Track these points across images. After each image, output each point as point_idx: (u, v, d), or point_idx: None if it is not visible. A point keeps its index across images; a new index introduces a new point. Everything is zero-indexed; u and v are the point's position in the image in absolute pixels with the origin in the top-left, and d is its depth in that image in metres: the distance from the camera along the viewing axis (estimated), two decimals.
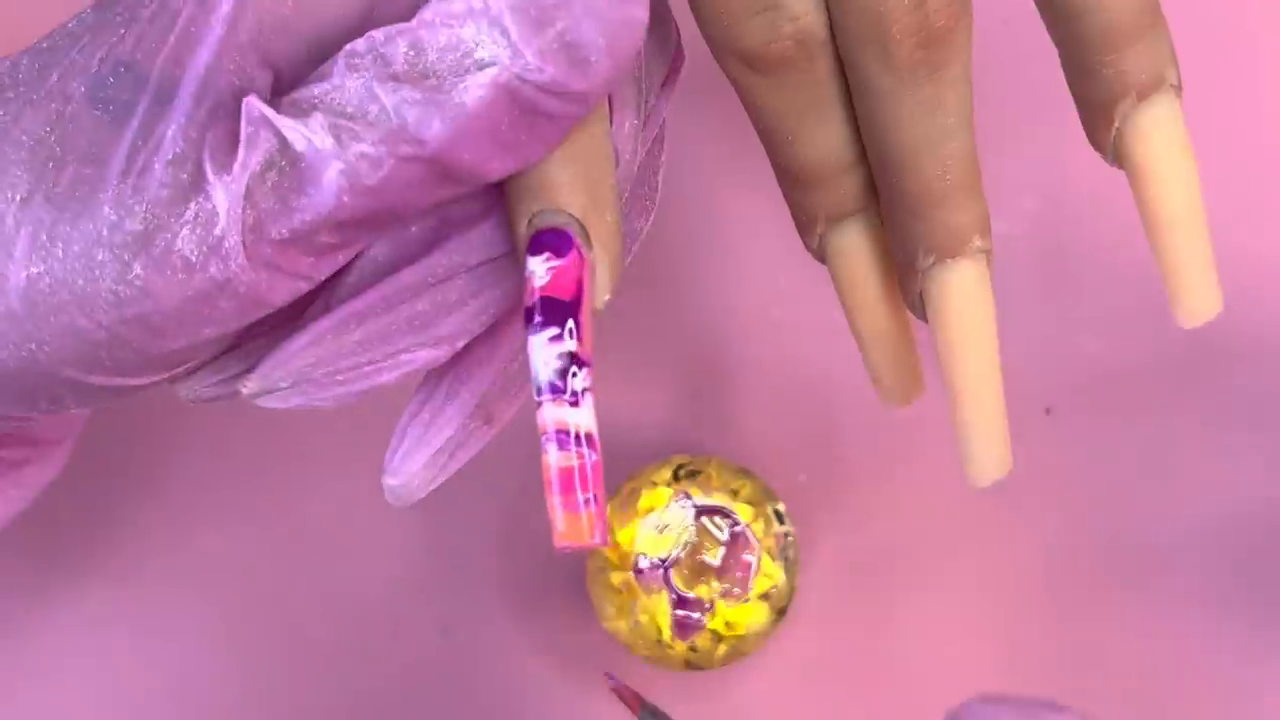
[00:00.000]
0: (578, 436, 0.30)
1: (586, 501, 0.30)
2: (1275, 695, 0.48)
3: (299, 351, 0.31)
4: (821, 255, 0.37)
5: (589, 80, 0.29)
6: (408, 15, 0.30)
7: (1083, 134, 0.37)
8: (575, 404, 0.30)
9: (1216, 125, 0.48)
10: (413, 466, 0.33)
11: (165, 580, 0.49)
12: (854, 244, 0.37)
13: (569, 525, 0.30)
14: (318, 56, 0.30)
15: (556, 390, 0.30)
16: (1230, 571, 0.48)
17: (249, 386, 0.31)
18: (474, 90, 0.28)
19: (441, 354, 0.32)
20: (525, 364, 0.33)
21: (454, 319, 0.32)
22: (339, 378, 0.31)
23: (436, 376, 0.33)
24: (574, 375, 0.30)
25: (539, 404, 0.30)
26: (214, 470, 0.49)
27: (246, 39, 0.29)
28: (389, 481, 0.33)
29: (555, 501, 0.30)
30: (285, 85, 0.30)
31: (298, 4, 0.29)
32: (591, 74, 0.29)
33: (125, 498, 0.49)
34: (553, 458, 0.30)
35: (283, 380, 0.31)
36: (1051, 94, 0.37)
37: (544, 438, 0.30)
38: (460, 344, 0.32)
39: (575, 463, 0.30)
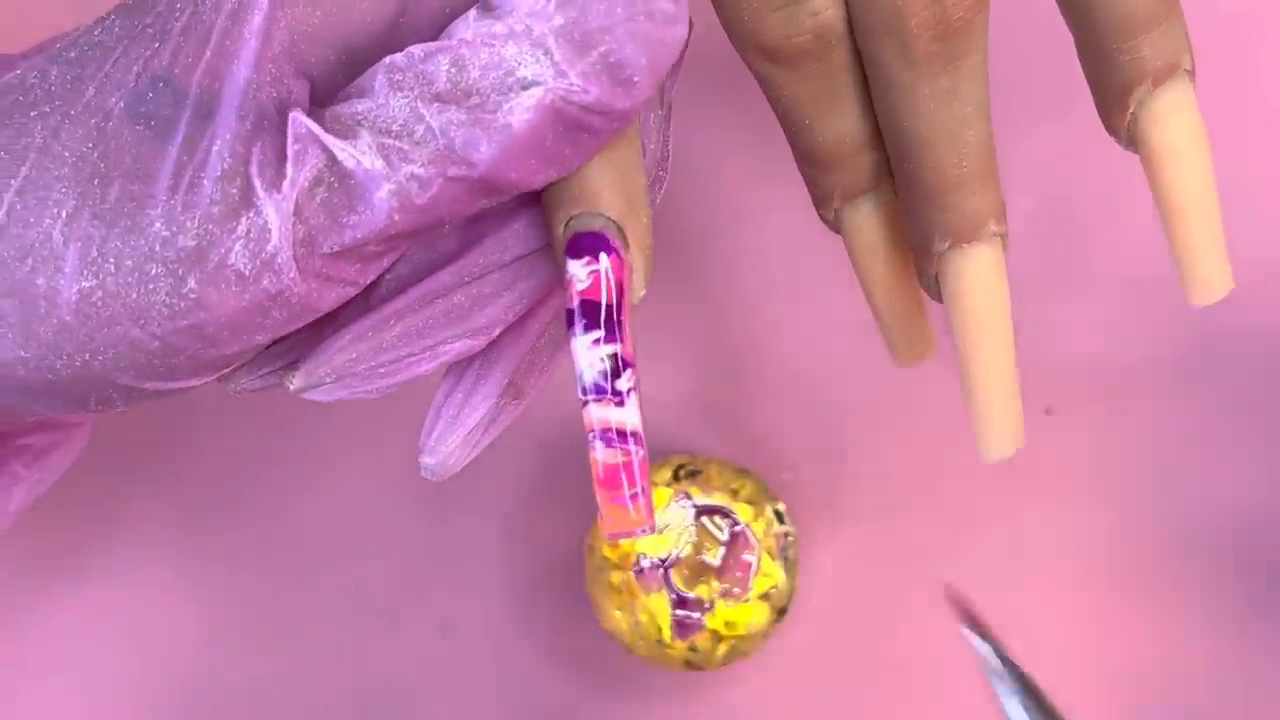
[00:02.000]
0: (623, 434, 0.31)
1: (634, 495, 0.31)
2: (1276, 695, 0.48)
3: (342, 348, 0.32)
4: (836, 227, 0.38)
5: (632, 99, 0.29)
6: (435, 21, 0.30)
7: (1083, 132, 0.37)
8: (620, 403, 0.31)
9: (1217, 124, 0.48)
10: (449, 446, 0.33)
11: (165, 579, 0.49)
12: (868, 219, 0.38)
13: (618, 517, 0.31)
14: (348, 63, 0.30)
15: (601, 390, 0.31)
16: (1231, 571, 0.48)
17: (295, 383, 0.32)
18: (519, 112, 0.29)
19: (478, 344, 0.32)
20: (552, 340, 0.34)
21: (489, 311, 0.32)
22: (380, 370, 0.32)
23: (467, 360, 0.34)
24: (618, 375, 0.31)
25: (584, 403, 0.31)
26: (213, 470, 0.49)
27: (280, 50, 0.29)
28: (426, 460, 0.33)
29: (604, 495, 0.31)
30: (319, 92, 0.30)
31: (326, 14, 0.30)
32: (634, 93, 0.29)
33: (123, 497, 0.49)
34: (600, 454, 0.31)
35: (327, 376, 0.32)
36: (1052, 93, 0.37)
37: (590, 435, 0.31)
38: (496, 333, 0.33)
39: (622, 459, 0.31)
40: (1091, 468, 0.49)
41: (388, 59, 0.30)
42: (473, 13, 0.29)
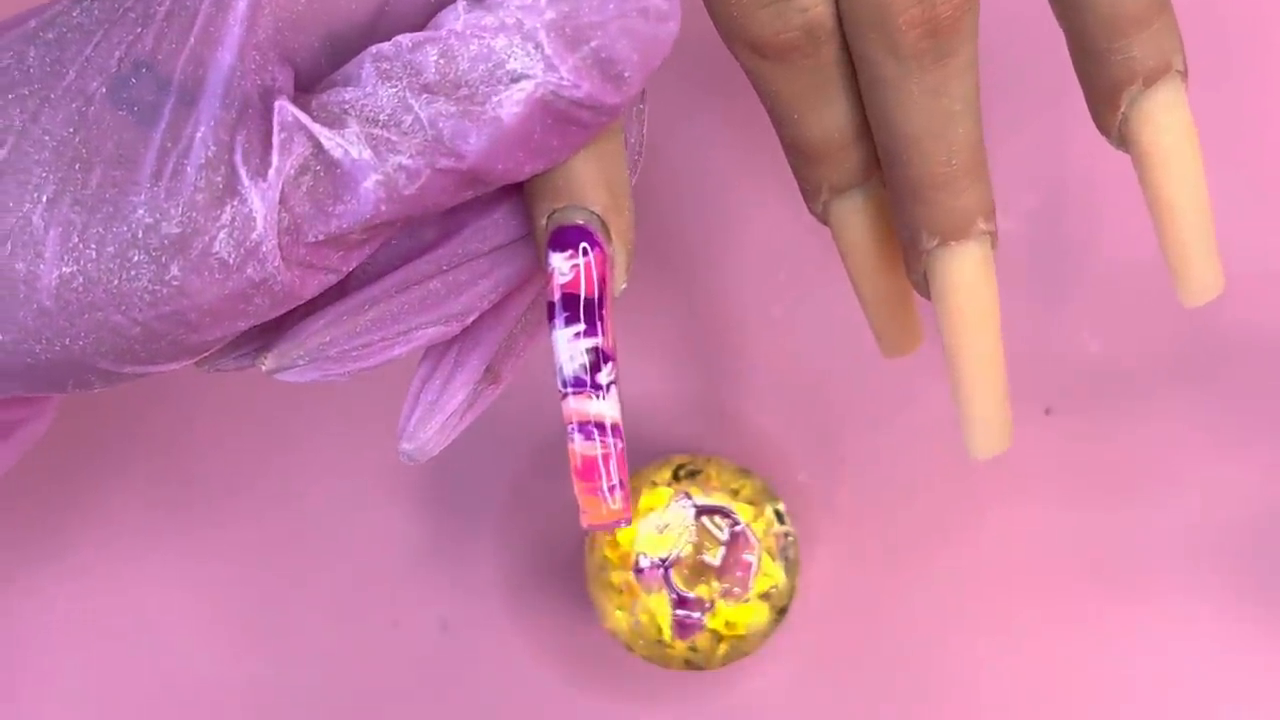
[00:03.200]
0: (603, 426, 0.31)
1: (612, 488, 0.31)
2: (1276, 695, 0.48)
3: (316, 331, 0.32)
4: (825, 220, 0.38)
5: (622, 95, 0.29)
6: (420, 10, 0.30)
7: (1084, 132, 0.37)
8: (601, 396, 0.31)
9: (1218, 123, 0.48)
10: (427, 432, 0.33)
11: (162, 578, 0.49)
12: (856, 213, 0.38)
13: (595, 509, 0.31)
14: (331, 51, 0.30)
15: (581, 383, 0.31)
16: (1230, 571, 0.48)
17: (268, 364, 0.32)
18: (509, 105, 0.29)
19: (452, 330, 0.32)
20: (529, 324, 0.34)
21: (465, 298, 0.32)
22: (353, 354, 0.32)
23: (445, 344, 0.34)
24: (599, 369, 0.31)
25: (564, 395, 0.31)
26: (212, 467, 0.49)
27: (265, 37, 0.29)
28: (405, 446, 0.33)
29: (582, 487, 0.31)
30: (302, 80, 0.30)
31: (310, 1, 0.30)
32: (625, 89, 0.29)
33: (121, 497, 0.49)
34: (579, 446, 0.31)
35: (300, 358, 0.32)
36: (1052, 92, 0.37)
37: (570, 428, 0.31)
38: (470, 319, 0.33)
39: (601, 451, 0.31)
40: (1091, 468, 0.48)
41: (375, 48, 0.29)
42: (462, 4, 0.29)
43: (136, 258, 0.29)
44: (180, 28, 0.29)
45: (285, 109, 0.29)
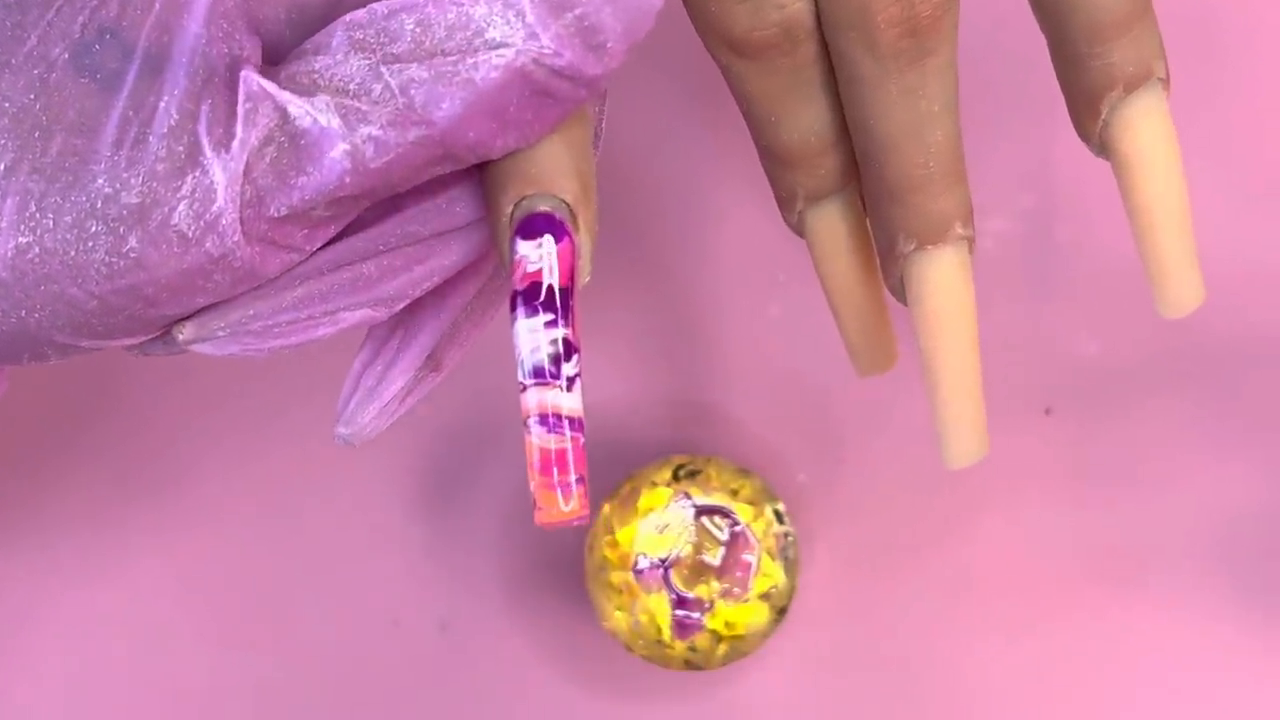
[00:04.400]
0: (560, 419, 0.30)
1: (568, 483, 0.30)
2: (1273, 695, 0.48)
3: (240, 303, 0.31)
4: (800, 230, 0.38)
5: (603, 65, 0.29)
6: None
7: None
8: (565, 389, 0.30)
9: (1215, 124, 0.48)
10: (365, 417, 0.33)
11: (162, 578, 0.49)
12: (831, 222, 0.37)
13: (552, 505, 0.30)
14: (297, 22, 0.30)
15: (545, 374, 0.30)
16: (1228, 571, 0.48)
17: (185, 333, 0.31)
18: (484, 69, 0.28)
19: (379, 315, 0.32)
20: (473, 313, 0.33)
21: (396, 283, 0.31)
22: (275, 330, 0.31)
23: (388, 329, 0.33)
24: (567, 360, 0.30)
25: (524, 387, 0.30)
26: (211, 467, 0.49)
27: (232, 5, 0.29)
28: (341, 430, 0.33)
29: (540, 482, 0.30)
30: (267, 52, 0.30)
31: None
32: (606, 59, 0.29)
33: (120, 499, 0.49)
34: (537, 439, 0.30)
35: (220, 330, 0.31)
36: (1051, 92, 0.37)
37: (528, 419, 0.30)
38: (399, 307, 0.32)
39: (560, 445, 0.30)
40: (1091, 468, 0.48)
41: (348, 15, 0.29)
42: None
43: (94, 228, 0.28)
44: None
45: (250, 79, 0.28)
